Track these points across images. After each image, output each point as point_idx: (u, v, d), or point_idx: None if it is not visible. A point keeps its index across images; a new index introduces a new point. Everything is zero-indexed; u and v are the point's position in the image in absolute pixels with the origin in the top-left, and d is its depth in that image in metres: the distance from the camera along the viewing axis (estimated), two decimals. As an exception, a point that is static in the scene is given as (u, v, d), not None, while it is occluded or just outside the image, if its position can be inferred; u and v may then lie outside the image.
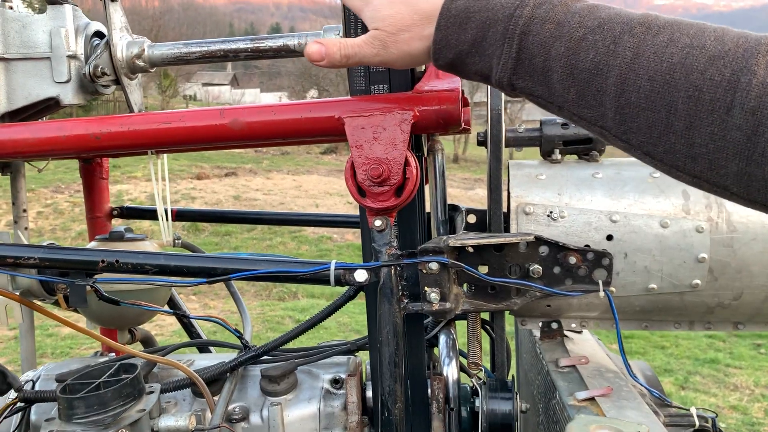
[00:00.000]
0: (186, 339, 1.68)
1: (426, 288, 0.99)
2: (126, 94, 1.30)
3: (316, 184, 17.14)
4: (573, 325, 1.23)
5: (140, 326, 1.65)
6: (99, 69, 1.22)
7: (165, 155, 1.56)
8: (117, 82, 1.28)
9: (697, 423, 1.13)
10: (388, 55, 0.81)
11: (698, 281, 1.07)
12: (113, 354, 1.47)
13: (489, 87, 1.07)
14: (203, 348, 1.68)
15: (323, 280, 0.99)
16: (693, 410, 1.15)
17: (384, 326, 0.97)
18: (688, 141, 0.62)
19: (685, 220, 1.07)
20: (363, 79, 1.05)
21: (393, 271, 0.97)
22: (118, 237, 1.44)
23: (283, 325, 7.08)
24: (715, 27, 0.64)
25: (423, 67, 1.13)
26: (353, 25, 1.04)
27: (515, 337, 1.60)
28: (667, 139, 0.64)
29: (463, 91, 1.02)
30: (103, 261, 1.00)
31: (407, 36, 0.79)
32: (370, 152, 0.95)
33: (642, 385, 1.13)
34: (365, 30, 0.99)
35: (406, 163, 0.95)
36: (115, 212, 1.69)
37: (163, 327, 6.49)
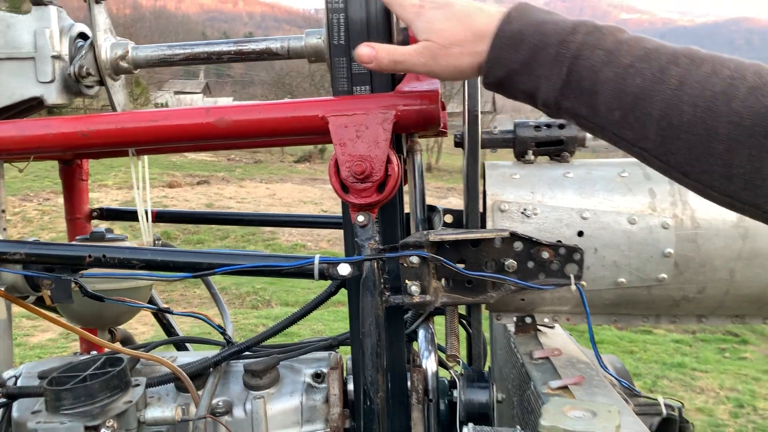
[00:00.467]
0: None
1: (407, 281, 1.03)
2: (110, 94, 1.32)
3: (290, 193, 17.11)
4: (546, 320, 1.28)
5: (119, 326, 1.66)
6: (84, 69, 1.24)
7: (146, 156, 1.58)
8: (101, 82, 1.30)
9: (665, 412, 1.19)
10: (436, 66, 0.86)
11: (664, 275, 1.13)
12: (94, 353, 1.48)
13: (465, 90, 1.12)
14: (181, 346, 1.69)
15: (307, 274, 1.02)
16: (660, 400, 1.20)
17: (366, 318, 1.00)
18: (726, 163, 0.68)
19: (651, 217, 1.12)
20: (346, 80, 1.08)
21: (375, 264, 1.00)
22: (99, 237, 1.46)
23: (257, 333, 7.06)
24: (752, 62, 0.70)
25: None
26: (336, 29, 1.08)
27: (490, 335, 1.65)
28: (706, 161, 0.70)
29: (441, 95, 1.07)
30: (90, 256, 1.02)
31: (458, 51, 0.84)
32: (354, 150, 0.99)
33: (612, 375, 1.18)
34: (348, 37, 1.04)
35: (388, 161, 0.99)
36: (95, 214, 1.70)
37: (137, 336, 6.40)
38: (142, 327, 6.30)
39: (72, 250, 1.06)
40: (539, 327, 1.31)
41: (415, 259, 1.01)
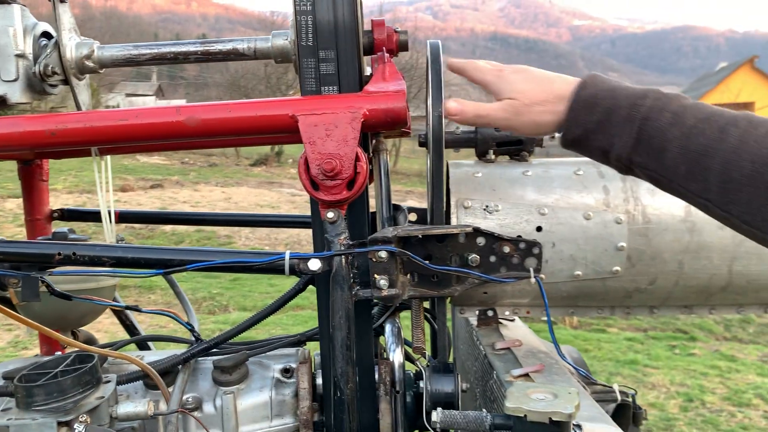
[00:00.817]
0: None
1: (376, 275, 1.06)
2: (74, 93, 1.32)
3: (246, 196, 16.93)
4: (507, 313, 1.33)
5: (82, 328, 1.65)
6: (49, 68, 1.23)
7: (108, 156, 1.58)
8: (65, 81, 1.29)
9: (620, 398, 1.25)
10: (517, 121, 0.97)
11: (618, 268, 1.19)
12: (59, 353, 1.47)
13: (428, 92, 1.16)
14: (144, 345, 1.69)
15: (278, 270, 1.05)
16: (615, 387, 1.26)
17: (337, 312, 1.03)
18: None
19: (605, 213, 1.18)
20: (314, 81, 1.11)
21: (345, 259, 1.03)
22: (62, 238, 1.45)
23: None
24: None
25: (369, 70, 1.21)
26: (304, 30, 1.11)
27: (452, 329, 1.69)
28: (766, 210, 0.78)
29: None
30: (59, 254, 1.02)
31: (540, 109, 0.95)
32: (323, 148, 1.02)
33: (570, 364, 1.23)
34: (315, 38, 1.07)
35: (357, 159, 1.02)
36: (56, 214, 1.68)
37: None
38: (96, 334, 6.16)
39: (41, 248, 1.06)
40: (500, 320, 1.36)
41: (383, 254, 1.05)
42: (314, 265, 1.04)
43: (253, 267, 1.06)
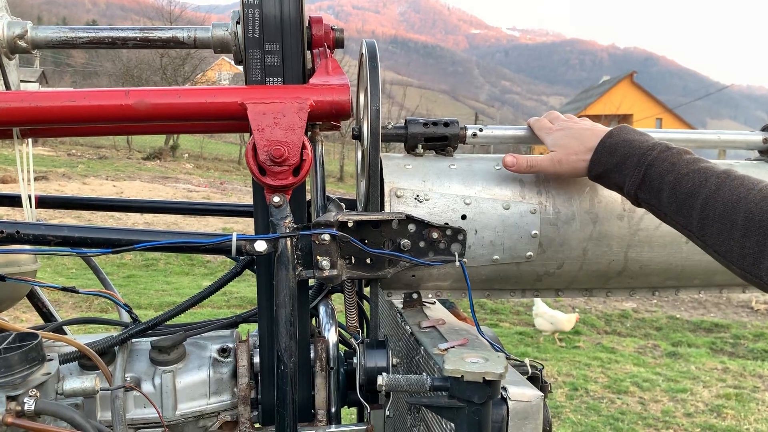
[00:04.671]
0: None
1: (318, 257, 1.13)
2: (4, 73, 1.30)
3: (140, 191, 16.30)
4: (430, 296, 1.44)
5: (-3, 315, 1.60)
6: (-18, 46, 1.21)
7: (30, 139, 1.56)
8: (-5, 61, 1.27)
9: (530, 371, 1.38)
10: (560, 168, 1.25)
11: (531, 253, 1.32)
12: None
13: (367, 87, 1.24)
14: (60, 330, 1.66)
15: (225, 250, 1.09)
16: (527, 361, 1.39)
17: (281, 291, 1.09)
18: (741, 245, 0.97)
19: (521, 204, 1.31)
20: (259, 71, 1.17)
21: (290, 241, 1.10)
22: (-19, 221, 1.41)
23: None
24: (759, 180, 1.01)
25: (311, 63, 1.28)
26: (251, 23, 1.16)
27: (371, 312, 1.77)
28: (730, 243, 0.98)
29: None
30: (2, 231, 1.02)
31: (575, 158, 1.22)
32: (271, 135, 1.08)
33: (488, 340, 1.36)
34: (262, 31, 1.13)
35: (303, 147, 1.09)
36: (-31, 198, 1.62)
37: None
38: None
39: (-18, 226, 1.04)
40: (423, 302, 1.47)
41: (326, 237, 1.12)
42: (260, 246, 1.09)
43: (200, 247, 1.10)
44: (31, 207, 1.49)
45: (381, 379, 0.94)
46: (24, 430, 0.95)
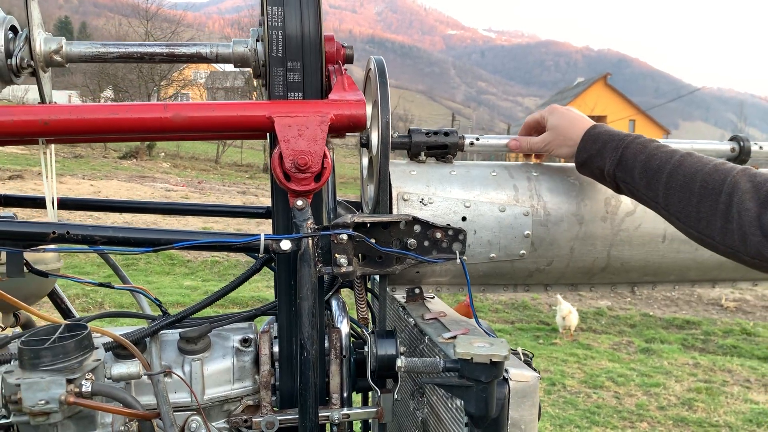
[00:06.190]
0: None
1: (336, 254, 1.26)
2: (40, 85, 1.40)
3: (117, 190, 16.21)
4: (430, 291, 1.57)
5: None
6: (24, 61, 1.31)
7: (53, 146, 1.66)
8: (33, 74, 1.38)
9: (522, 358, 1.52)
10: (550, 149, 1.46)
11: (524, 251, 1.46)
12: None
13: (379, 100, 1.37)
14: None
15: (254, 249, 1.21)
16: (519, 350, 1.53)
17: (304, 285, 1.21)
18: (697, 209, 1.14)
19: (515, 206, 1.45)
20: (282, 87, 1.29)
21: (312, 241, 1.22)
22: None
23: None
24: (715, 158, 1.19)
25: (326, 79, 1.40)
26: (275, 43, 1.28)
27: (380, 305, 1.90)
28: (688, 209, 1.16)
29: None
30: (54, 232, 1.12)
31: (565, 149, 1.43)
32: (296, 145, 1.20)
33: (486, 331, 1.49)
34: (285, 50, 1.26)
35: (324, 156, 1.21)
36: (-6, 200, 1.71)
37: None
38: None
39: (36, 227, 1.14)
40: (424, 297, 1.60)
41: (344, 237, 1.25)
42: (286, 245, 1.21)
43: (231, 246, 1.21)
44: (54, 209, 1.60)
45: (400, 362, 1.07)
46: (80, 409, 1.06)
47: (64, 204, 1.76)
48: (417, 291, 1.57)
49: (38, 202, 1.74)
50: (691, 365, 7.10)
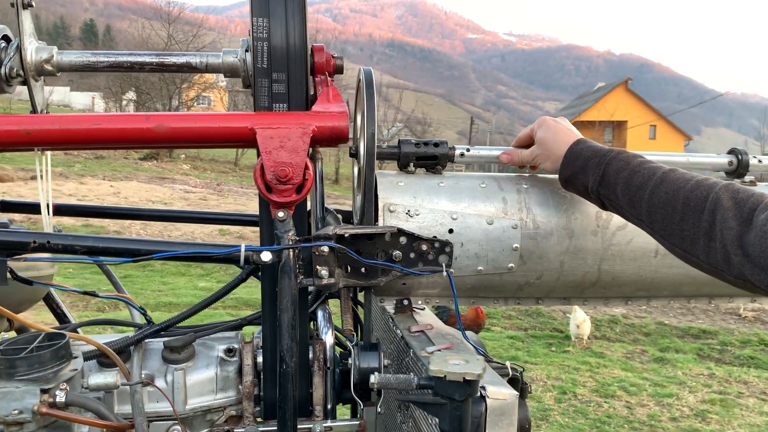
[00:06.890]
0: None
1: (318, 266, 1.25)
2: (32, 94, 1.41)
3: (137, 191, 16.40)
4: (419, 302, 1.56)
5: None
6: (14, 70, 1.33)
7: (49, 152, 1.67)
8: (24, 83, 1.39)
9: (511, 373, 1.50)
10: (538, 163, 1.44)
11: (512, 264, 1.45)
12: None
13: (364, 112, 1.36)
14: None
15: (234, 260, 1.21)
16: (508, 364, 1.51)
17: (284, 297, 1.21)
18: (680, 227, 1.12)
19: (504, 219, 1.43)
20: (267, 98, 1.29)
21: (293, 252, 1.22)
22: (3, 227, 1.52)
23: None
24: (698, 174, 1.16)
25: (313, 90, 1.40)
26: (260, 54, 1.28)
27: (365, 317, 1.89)
28: (671, 227, 1.14)
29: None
30: (34, 242, 1.13)
31: (549, 164, 1.41)
32: (278, 157, 1.20)
33: (472, 345, 1.48)
34: (270, 62, 1.25)
35: (305, 167, 1.21)
36: (-9, 205, 1.73)
37: None
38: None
39: (17, 236, 1.16)
40: (414, 308, 1.59)
41: (325, 249, 1.24)
42: (266, 256, 1.21)
43: (212, 257, 1.22)
44: (49, 215, 1.61)
45: (373, 378, 1.06)
46: (54, 419, 1.06)
47: (60, 210, 1.78)
48: (405, 302, 1.56)
49: (35, 208, 1.76)
50: (706, 376, 6.99)
